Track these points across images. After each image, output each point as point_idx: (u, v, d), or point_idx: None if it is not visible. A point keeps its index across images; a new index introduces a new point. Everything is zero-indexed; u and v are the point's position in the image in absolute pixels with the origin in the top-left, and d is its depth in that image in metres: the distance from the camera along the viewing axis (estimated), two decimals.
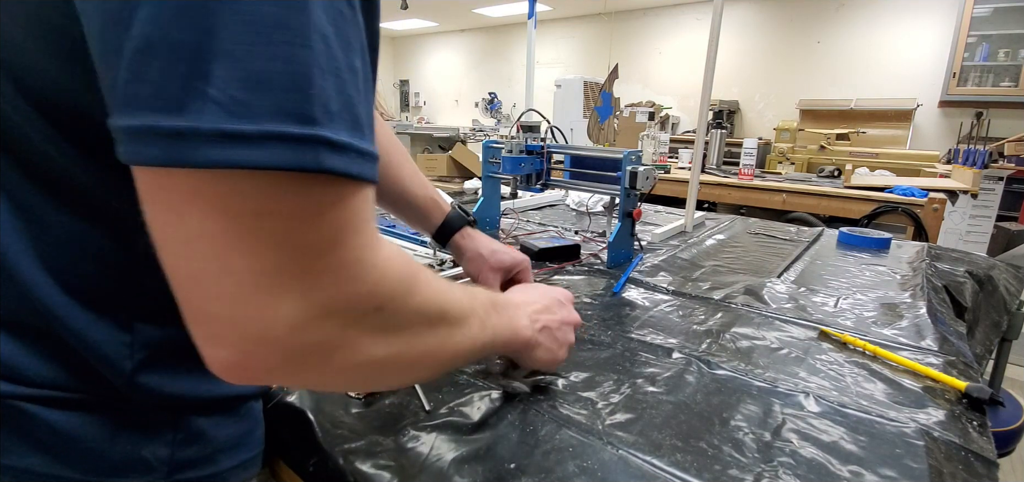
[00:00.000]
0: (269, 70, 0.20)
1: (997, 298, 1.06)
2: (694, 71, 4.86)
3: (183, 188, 0.21)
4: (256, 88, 0.20)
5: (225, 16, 0.19)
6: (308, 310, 0.23)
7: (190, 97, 0.19)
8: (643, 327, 0.71)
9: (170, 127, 0.19)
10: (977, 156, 3.42)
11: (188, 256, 0.22)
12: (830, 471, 0.43)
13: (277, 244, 0.22)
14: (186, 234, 0.22)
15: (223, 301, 0.22)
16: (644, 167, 0.96)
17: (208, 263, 0.22)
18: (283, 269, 0.23)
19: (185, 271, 0.23)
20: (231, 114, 0.20)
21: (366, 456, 0.44)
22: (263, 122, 0.20)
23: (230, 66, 0.19)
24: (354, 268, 0.25)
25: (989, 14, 3.55)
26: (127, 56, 0.20)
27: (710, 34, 1.22)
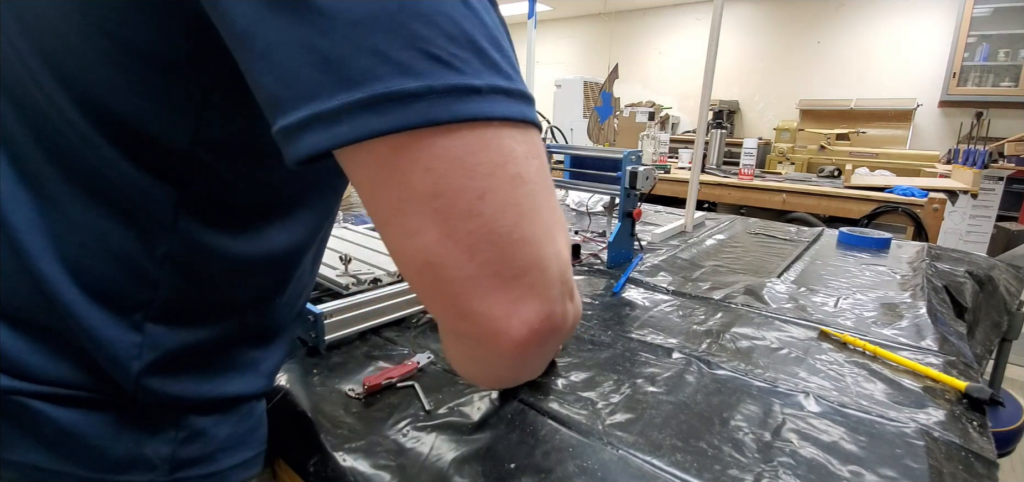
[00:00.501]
0: (473, 32, 0.21)
1: (997, 298, 1.06)
2: (694, 71, 4.86)
3: (420, 160, 0.20)
4: (464, 44, 0.20)
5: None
6: (567, 267, 0.24)
7: (416, 56, 0.19)
8: (643, 327, 0.71)
9: (405, 89, 0.19)
10: (977, 156, 3.42)
11: (456, 227, 0.21)
12: (830, 471, 0.43)
13: (531, 191, 0.22)
14: (451, 200, 0.21)
15: (492, 278, 0.22)
16: (644, 167, 0.96)
17: (465, 241, 0.21)
18: (552, 213, 0.23)
19: (442, 263, 0.22)
20: (458, 71, 0.20)
21: (366, 456, 0.44)
22: (483, 77, 0.20)
23: (438, 26, 0.20)
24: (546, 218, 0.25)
25: (989, 14, 3.55)
26: (334, 36, 0.19)
27: (710, 34, 1.22)
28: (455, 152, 0.20)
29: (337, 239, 0.88)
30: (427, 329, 0.68)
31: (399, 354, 0.61)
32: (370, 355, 0.60)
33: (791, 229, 1.40)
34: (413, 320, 0.70)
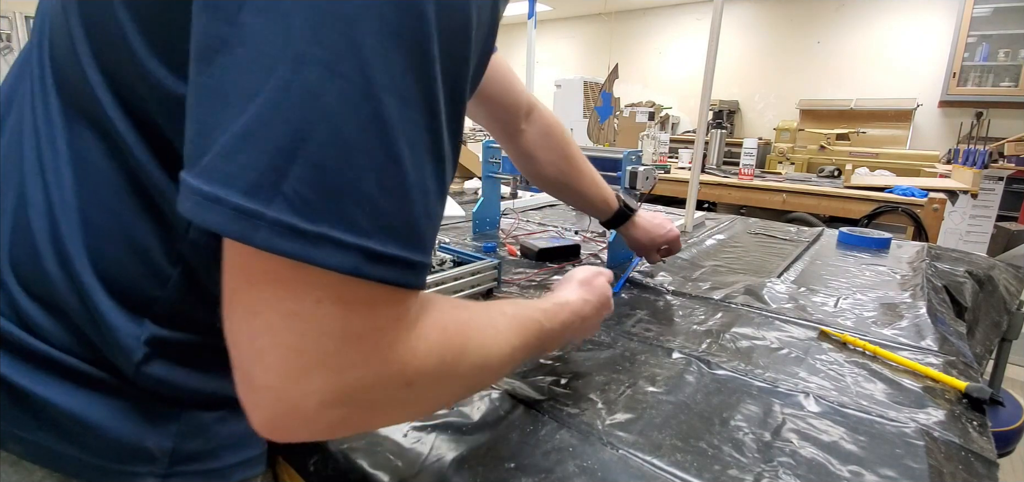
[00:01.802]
0: (339, 183, 0.22)
1: (997, 298, 1.06)
2: (694, 71, 4.86)
3: (251, 264, 0.24)
4: (323, 194, 0.22)
5: (319, 129, 0.22)
6: (337, 391, 0.26)
7: (265, 187, 0.22)
8: (643, 327, 0.71)
9: (244, 206, 0.22)
10: (977, 156, 3.42)
11: (245, 322, 0.25)
12: (830, 471, 0.43)
13: (317, 331, 0.24)
14: (248, 303, 0.24)
15: (267, 371, 0.25)
16: (644, 167, 0.96)
17: (261, 334, 0.24)
18: (319, 353, 0.25)
19: (240, 332, 0.25)
20: (296, 211, 0.22)
21: (366, 455, 0.44)
22: (321, 225, 0.22)
23: (309, 171, 0.22)
24: (386, 357, 0.27)
25: (989, 14, 3.55)
26: (227, 134, 0.22)
27: (710, 34, 1.22)
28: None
29: None
30: None
31: None
32: None
33: (791, 229, 1.40)
34: None
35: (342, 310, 0.25)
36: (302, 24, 0.21)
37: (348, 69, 0.22)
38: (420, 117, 0.24)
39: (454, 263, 0.81)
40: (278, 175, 0.22)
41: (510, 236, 1.18)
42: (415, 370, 0.28)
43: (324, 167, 0.22)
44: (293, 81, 0.21)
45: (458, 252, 0.84)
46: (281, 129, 0.21)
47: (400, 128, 0.23)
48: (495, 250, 1.07)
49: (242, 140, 0.22)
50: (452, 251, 0.84)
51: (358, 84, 0.22)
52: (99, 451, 0.33)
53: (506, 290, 0.84)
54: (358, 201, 0.23)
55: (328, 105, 0.22)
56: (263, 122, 0.21)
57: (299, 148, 0.22)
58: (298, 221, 0.22)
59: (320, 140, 0.22)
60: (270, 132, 0.21)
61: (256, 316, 0.24)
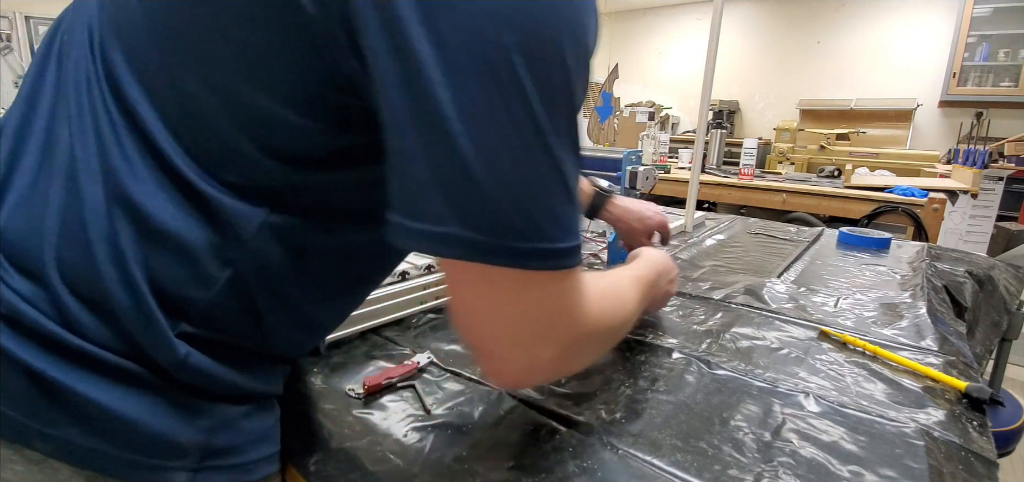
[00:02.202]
0: (536, 211, 0.30)
1: (997, 298, 1.06)
2: (694, 71, 4.86)
3: (484, 278, 0.32)
4: (528, 221, 0.30)
5: (516, 176, 0.29)
6: (557, 352, 0.36)
7: (492, 225, 0.29)
8: (643, 327, 0.71)
9: (478, 240, 0.29)
10: (977, 156, 3.42)
11: (487, 321, 0.34)
12: (830, 471, 0.43)
13: (539, 314, 0.34)
14: (485, 307, 0.34)
15: (511, 349, 0.35)
16: (644, 167, 0.96)
17: (500, 327, 0.34)
18: (544, 330, 0.35)
19: (483, 328, 0.35)
20: (520, 235, 0.30)
21: (366, 455, 0.44)
22: (535, 241, 0.30)
23: (515, 207, 0.29)
24: (578, 321, 0.37)
25: (989, 14, 3.55)
26: (449, 186, 0.29)
27: (710, 34, 1.22)
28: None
29: None
30: (427, 329, 0.68)
31: (399, 354, 0.61)
32: (370, 355, 0.61)
33: (791, 229, 1.40)
34: (413, 320, 0.70)
35: (551, 295, 0.34)
36: (483, 95, 0.27)
37: (525, 128, 0.28)
38: (571, 147, 0.31)
39: None
40: (498, 212, 0.29)
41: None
42: (592, 327, 0.39)
43: (524, 202, 0.30)
44: (489, 140, 0.28)
45: None
46: (494, 181, 0.28)
47: (564, 162, 0.31)
48: None
49: (465, 190, 0.28)
50: None
51: (535, 138, 0.29)
52: (132, 446, 0.33)
53: None
54: (550, 220, 0.31)
55: (518, 157, 0.29)
56: (477, 175, 0.28)
57: (511, 192, 0.29)
58: (517, 243, 0.30)
59: (519, 184, 0.29)
60: (487, 182, 0.28)
61: (495, 316, 0.34)
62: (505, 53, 0.27)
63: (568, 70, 0.29)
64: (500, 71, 0.27)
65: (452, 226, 0.29)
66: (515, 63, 0.27)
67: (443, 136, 0.27)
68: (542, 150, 0.29)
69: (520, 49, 0.27)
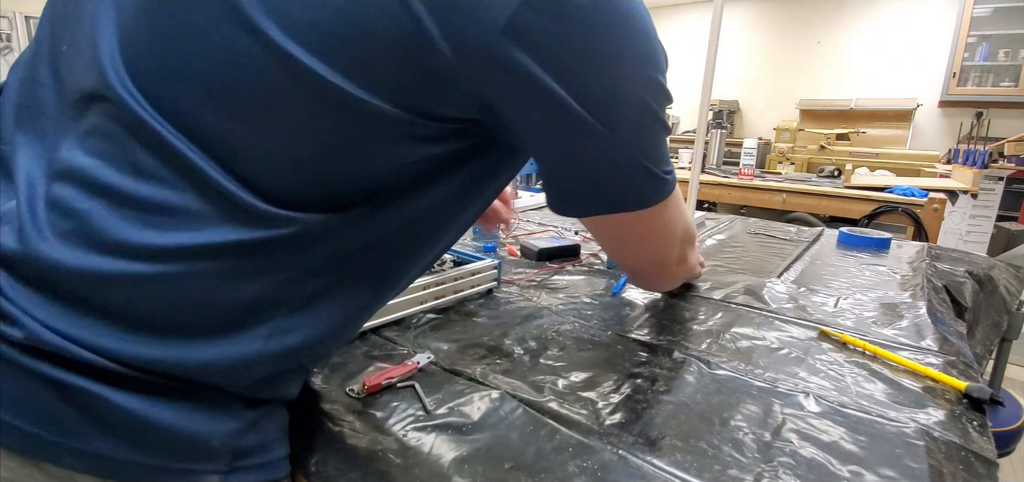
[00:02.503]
0: (662, 151, 0.46)
1: (997, 298, 1.06)
2: (694, 71, 4.85)
3: (645, 215, 0.48)
4: (663, 161, 0.46)
5: (649, 149, 0.44)
6: (680, 252, 0.62)
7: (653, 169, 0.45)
8: (643, 327, 0.71)
9: (658, 173, 0.45)
10: (977, 156, 3.42)
11: (641, 246, 0.56)
12: (830, 471, 0.43)
13: (675, 229, 0.56)
14: (636, 238, 0.54)
15: (655, 259, 0.60)
16: None
17: (652, 247, 0.57)
18: (676, 239, 0.58)
19: (635, 252, 0.57)
20: (666, 170, 0.46)
21: (366, 456, 0.44)
22: (669, 173, 0.47)
23: (657, 154, 0.45)
24: (687, 225, 0.59)
25: (989, 14, 3.55)
26: (626, 162, 0.43)
27: (710, 34, 1.22)
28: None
29: None
30: (427, 329, 0.68)
31: (399, 354, 0.61)
32: (370, 355, 0.60)
33: (791, 229, 1.40)
34: (413, 320, 0.70)
35: (676, 212, 0.53)
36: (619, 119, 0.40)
37: (647, 138, 0.43)
38: (664, 131, 0.45)
39: (454, 263, 0.81)
40: (649, 164, 0.44)
41: (510, 236, 1.18)
42: (692, 232, 0.63)
43: (655, 157, 0.44)
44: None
45: (458, 252, 0.84)
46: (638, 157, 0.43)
47: (663, 141, 0.45)
48: (495, 250, 1.07)
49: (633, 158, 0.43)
50: (452, 251, 0.84)
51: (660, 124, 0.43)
52: (165, 453, 0.33)
53: (506, 290, 0.84)
54: (664, 166, 0.46)
55: (647, 148, 0.44)
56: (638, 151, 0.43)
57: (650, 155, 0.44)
58: (669, 175, 0.47)
59: (650, 153, 0.44)
60: (638, 156, 0.43)
61: (651, 237, 0.54)
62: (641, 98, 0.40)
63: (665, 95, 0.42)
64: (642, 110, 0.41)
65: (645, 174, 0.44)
66: (647, 101, 0.40)
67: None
68: (660, 142, 0.45)
69: (648, 90, 0.40)
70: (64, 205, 0.32)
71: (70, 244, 0.32)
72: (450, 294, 0.75)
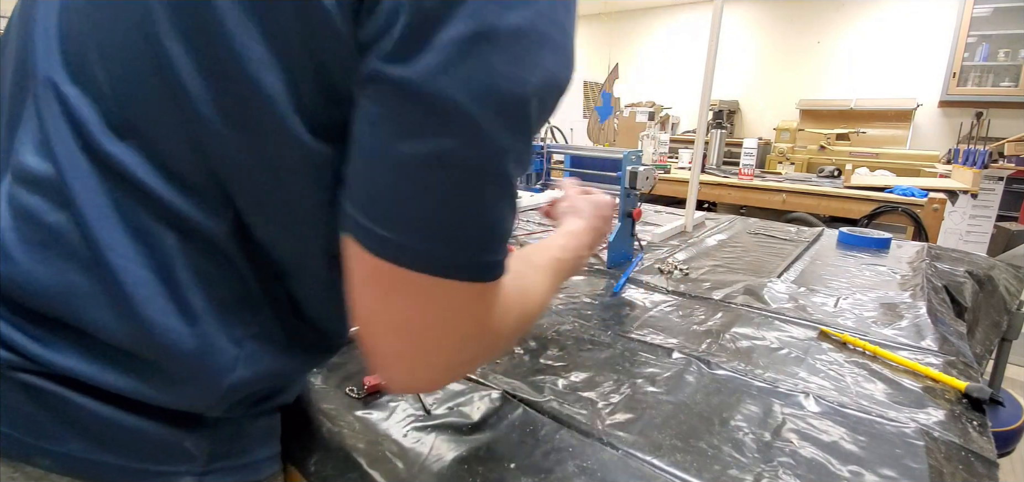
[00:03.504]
0: (470, 227, 0.30)
1: (997, 298, 1.06)
2: (694, 71, 4.86)
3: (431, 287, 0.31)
4: (455, 236, 0.30)
5: (472, 200, 0.29)
6: (474, 354, 0.38)
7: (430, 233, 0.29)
8: (643, 327, 0.71)
9: (425, 251, 0.29)
10: (977, 156, 3.42)
11: (394, 329, 0.32)
12: (830, 471, 0.43)
13: (465, 321, 0.33)
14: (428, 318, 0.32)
15: (433, 353, 0.34)
16: (644, 167, 0.96)
17: (436, 336, 0.33)
18: (457, 340, 0.34)
19: (386, 342, 0.33)
20: (476, 248, 0.30)
21: (366, 456, 0.44)
22: (463, 256, 0.30)
23: (454, 222, 0.29)
24: (486, 332, 0.35)
25: (989, 14, 3.55)
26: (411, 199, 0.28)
27: (710, 34, 1.22)
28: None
29: None
30: None
31: None
32: None
33: (791, 229, 1.40)
34: None
35: (470, 301, 0.33)
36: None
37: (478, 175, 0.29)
38: (512, 190, 0.32)
39: None
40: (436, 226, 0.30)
41: None
42: (499, 333, 0.37)
43: (461, 220, 0.30)
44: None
45: None
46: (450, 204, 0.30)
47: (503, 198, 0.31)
48: None
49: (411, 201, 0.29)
50: None
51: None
52: (139, 455, 0.33)
53: None
54: (480, 238, 0.31)
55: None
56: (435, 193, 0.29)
57: (445, 213, 0.30)
58: (453, 256, 0.30)
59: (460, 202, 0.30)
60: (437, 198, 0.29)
61: (432, 325, 0.33)
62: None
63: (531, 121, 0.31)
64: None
65: (409, 237, 0.29)
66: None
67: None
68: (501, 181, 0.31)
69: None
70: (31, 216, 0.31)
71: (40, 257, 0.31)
72: None
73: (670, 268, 0.97)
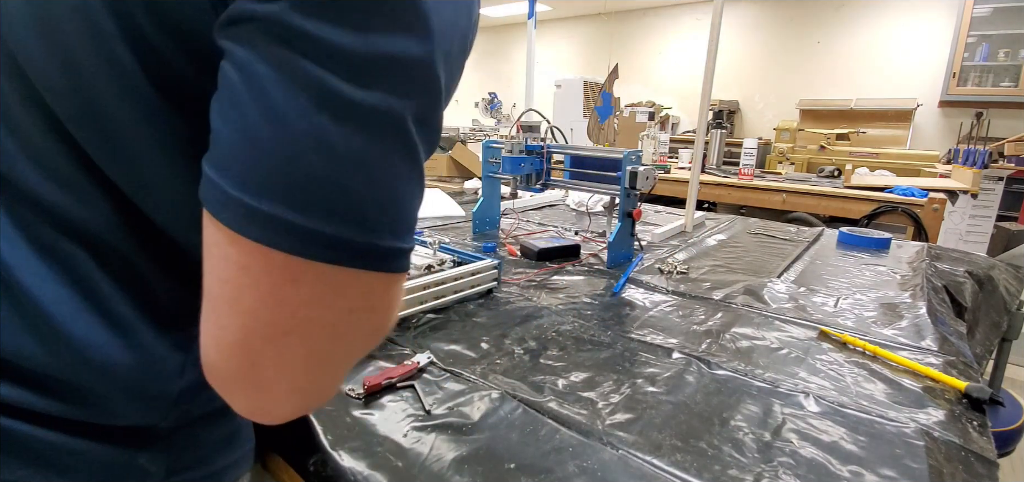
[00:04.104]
0: (378, 202, 0.25)
1: (997, 298, 1.06)
2: (694, 71, 4.86)
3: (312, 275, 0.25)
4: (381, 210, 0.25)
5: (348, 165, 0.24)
6: (344, 371, 0.31)
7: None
8: (643, 327, 0.71)
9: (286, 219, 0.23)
10: (977, 156, 3.42)
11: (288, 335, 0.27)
12: (830, 471, 0.43)
13: (362, 329, 0.29)
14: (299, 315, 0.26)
15: (308, 368, 0.28)
16: (644, 167, 0.96)
17: (307, 340, 0.27)
18: (360, 347, 0.30)
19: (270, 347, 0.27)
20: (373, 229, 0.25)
21: (366, 456, 0.44)
22: (378, 239, 0.26)
23: (318, 189, 0.24)
24: (383, 333, 0.31)
25: (989, 14, 3.55)
26: (274, 156, 0.23)
27: (710, 34, 1.22)
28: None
29: None
30: (427, 329, 0.68)
31: (399, 354, 0.61)
32: (370, 355, 0.60)
33: (791, 229, 1.40)
34: (413, 320, 0.70)
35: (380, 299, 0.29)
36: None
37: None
38: (419, 166, 0.28)
39: (454, 263, 0.81)
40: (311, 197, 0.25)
41: (510, 236, 1.18)
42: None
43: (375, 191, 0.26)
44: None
45: (458, 252, 0.84)
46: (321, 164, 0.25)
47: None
48: (495, 250, 1.07)
49: (290, 162, 0.25)
50: (452, 251, 0.84)
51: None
52: (92, 477, 0.31)
53: (506, 290, 0.84)
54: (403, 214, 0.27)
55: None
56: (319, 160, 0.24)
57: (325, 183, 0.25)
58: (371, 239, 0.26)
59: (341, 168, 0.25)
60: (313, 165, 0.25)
61: (306, 323, 0.28)
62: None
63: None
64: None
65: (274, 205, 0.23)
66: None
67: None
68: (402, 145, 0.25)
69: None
70: None
71: None
72: (450, 294, 0.75)
73: (670, 268, 0.97)
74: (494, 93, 6.40)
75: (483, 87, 6.60)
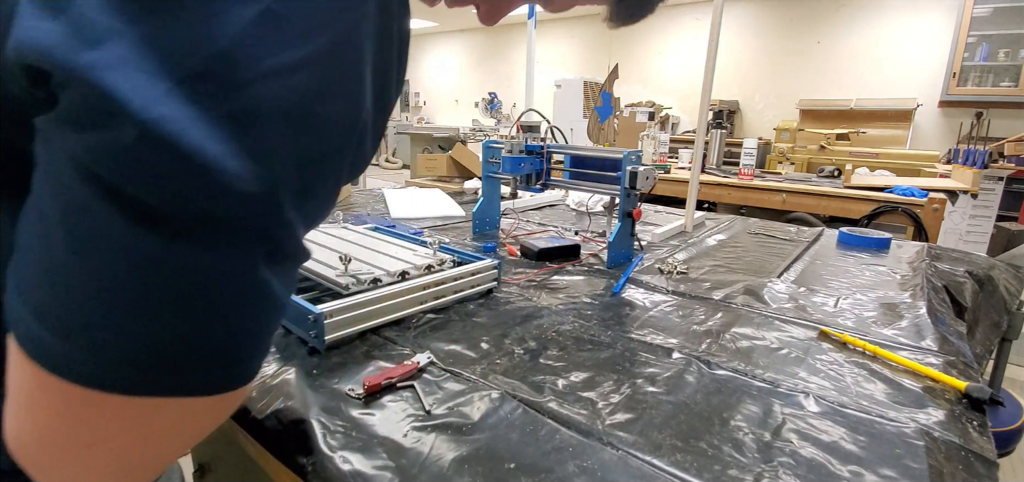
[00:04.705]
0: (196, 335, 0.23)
1: (997, 298, 1.06)
2: (694, 71, 4.86)
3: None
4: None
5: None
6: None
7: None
8: (643, 327, 0.71)
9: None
10: (977, 156, 3.42)
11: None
12: (830, 471, 0.43)
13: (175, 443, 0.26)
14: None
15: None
16: (644, 167, 0.96)
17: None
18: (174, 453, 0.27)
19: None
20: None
21: (366, 456, 0.44)
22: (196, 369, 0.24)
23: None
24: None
25: (989, 14, 3.55)
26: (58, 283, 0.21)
27: (710, 34, 1.22)
28: None
29: (337, 239, 0.88)
30: (427, 329, 0.68)
31: (399, 354, 0.61)
32: (370, 355, 0.60)
33: (791, 229, 1.40)
34: (413, 320, 0.70)
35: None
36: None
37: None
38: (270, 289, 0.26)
39: (454, 263, 0.81)
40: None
41: (510, 236, 1.18)
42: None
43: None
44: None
45: (458, 252, 0.84)
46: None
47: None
48: (495, 250, 1.07)
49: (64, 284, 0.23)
50: (452, 251, 0.84)
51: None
52: None
53: (506, 290, 0.84)
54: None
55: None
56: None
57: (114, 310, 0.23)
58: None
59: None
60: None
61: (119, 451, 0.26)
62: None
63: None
64: None
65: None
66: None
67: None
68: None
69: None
70: None
71: None
72: (450, 294, 0.75)
73: (670, 268, 0.97)
74: (494, 93, 6.41)
75: (483, 87, 6.61)
